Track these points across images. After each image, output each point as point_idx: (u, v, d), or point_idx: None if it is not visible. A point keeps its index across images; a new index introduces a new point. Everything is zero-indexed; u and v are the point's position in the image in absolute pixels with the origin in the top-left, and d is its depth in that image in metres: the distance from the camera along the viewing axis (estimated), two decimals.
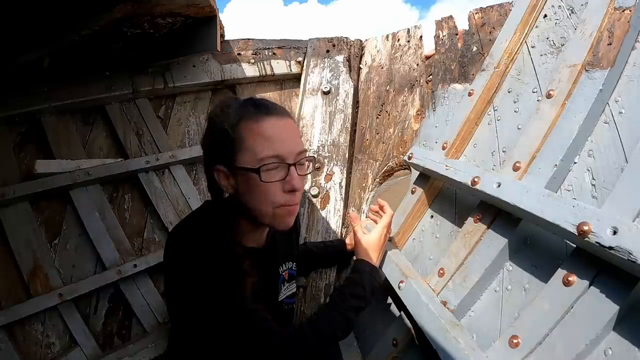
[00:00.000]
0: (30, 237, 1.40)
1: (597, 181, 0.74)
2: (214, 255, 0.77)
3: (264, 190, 0.77)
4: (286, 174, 0.77)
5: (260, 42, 1.88)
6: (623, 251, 0.55)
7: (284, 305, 1.02)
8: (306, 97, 1.76)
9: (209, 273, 0.75)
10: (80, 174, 1.47)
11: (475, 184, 0.88)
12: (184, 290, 0.77)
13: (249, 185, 0.77)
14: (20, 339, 1.34)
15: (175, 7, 1.35)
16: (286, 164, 0.77)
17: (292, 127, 0.82)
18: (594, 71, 0.78)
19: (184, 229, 0.86)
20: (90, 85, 1.57)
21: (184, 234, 0.85)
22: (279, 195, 0.78)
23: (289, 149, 0.78)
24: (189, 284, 0.76)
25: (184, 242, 0.82)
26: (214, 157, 0.81)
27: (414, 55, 1.54)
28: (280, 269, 1.01)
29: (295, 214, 0.84)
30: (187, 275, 0.77)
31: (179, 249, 0.81)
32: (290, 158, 0.78)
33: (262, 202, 0.78)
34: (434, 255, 1.08)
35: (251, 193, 0.78)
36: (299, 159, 0.80)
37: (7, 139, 1.46)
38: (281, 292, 1.01)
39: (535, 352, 0.67)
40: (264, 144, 0.75)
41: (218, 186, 0.82)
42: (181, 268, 0.78)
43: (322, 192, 1.59)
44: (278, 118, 0.79)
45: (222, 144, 0.78)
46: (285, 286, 1.03)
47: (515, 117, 0.98)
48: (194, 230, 0.84)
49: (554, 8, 0.99)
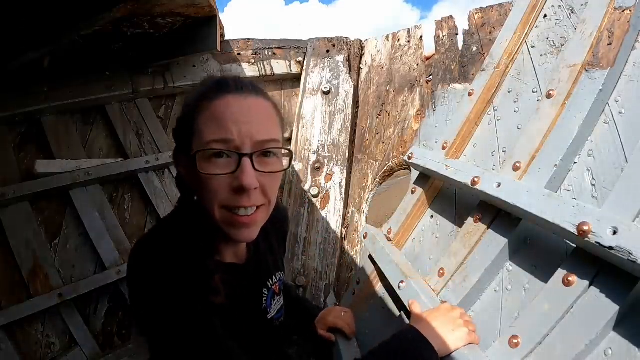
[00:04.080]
0: (30, 237, 1.40)
1: (597, 181, 0.74)
2: (174, 274, 0.61)
3: (206, 184, 0.61)
4: (236, 166, 0.60)
5: (260, 42, 1.88)
6: (623, 251, 0.55)
7: (274, 322, 0.87)
8: (306, 97, 1.76)
9: (170, 296, 0.60)
10: (80, 174, 1.47)
11: (475, 184, 0.88)
12: (145, 317, 0.63)
13: (198, 178, 0.62)
14: (20, 339, 1.34)
15: (175, 7, 1.35)
16: (237, 153, 0.60)
17: (259, 109, 0.64)
18: (594, 71, 0.78)
19: (143, 244, 0.69)
20: (90, 85, 1.57)
21: (142, 250, 0.68)
22: (222, 192, 0.61)
23: (246, 134, 0.60)
24: (149, 309, 0.62)
25: (141, 260, 0.66)
26: (177, 145, 0.69)
27: (414, 56, 1.54)
28: (270, 283, 0.86)
29: (253, 226, 0.65)
30: (146, 300, 0.62)
31: (136, 267, 0.66)
32: (245, 146, 0.60)
33: (206, 201, 0.62)
34: (434, 255, 1.08)
35: (199, 189, 0.63)
36: (262, 149, 0.62)
37: (7, 139, 1.46)
38: (271, 308, 0.85)
39: (535, 352, 0.67)
40: (212, 125, 0.61)
41: (184, 181, 0.69)
42: (139, 291, 0.63)
43: (322, 192, 1.59)
44: (240, 96, 0.63)
45: (181, 128, 0.66)
46: (275, 300, 0.88)
47: (515, 117, 0.98)
48: (154, 244, 0.67)
49: (554, 8, 0.99)
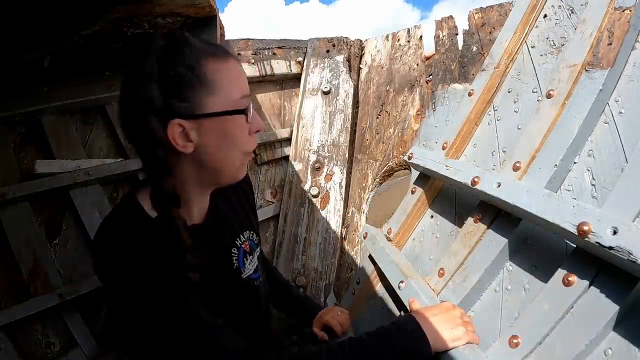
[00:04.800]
0: (30, 237, 1.40)
1: (597, 181, 0.74)
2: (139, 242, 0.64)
3: (236, 136, 0.68)
4: (249, 115, 0.70)
5: (260, 42, 1.88)
6: (623, 251, 0.55)
7: (251, 282, 0.87)
8: (306, 97, 1.76)
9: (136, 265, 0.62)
10: (80, 174, 1.47)
11: (475, 184, 0.88)
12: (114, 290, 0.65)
13: (218, 135, 0.67)
14: (20, 339, 1.33)
15: (175, 7, 1.35)
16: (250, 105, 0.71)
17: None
18: (594, 71, 0.78)
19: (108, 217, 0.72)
20: (90, 85, 1.57)
21: (107, 221, 0.70)
22: (243, 139, 0.70)
23: (248, 91, 0.71)
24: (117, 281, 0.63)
25: (105, 231, 0.68)
26: (165, 112, 0.64)
27: (414, 56, 1.54)
28: (238, 241, 0.86)
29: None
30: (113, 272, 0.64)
31: (101, 237, 0.68)
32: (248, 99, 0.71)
33: (232, 152, 0.69)
34: (434, 255, 1.08)
35: (221, 144, 0.68)
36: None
37: (7, 139, 1.46)
38: (245, 267, 0.86)
39: (535, 352, 0.67)
40: (237, 82, 0.69)
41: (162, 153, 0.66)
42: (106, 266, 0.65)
43: (322, 192, 1.59)
44: (235, 57, 0.73)
45: (182, 89, 0.64)
46: (248, 260, 0.88)
47: (515, 117, 0.98)
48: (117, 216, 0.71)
49: (554, 8, 0.99)
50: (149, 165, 0.69)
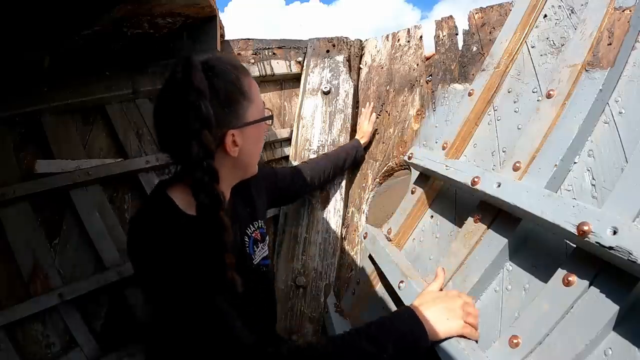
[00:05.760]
0: (30, 237, 1.40)
1: (597, 181, 0.74)
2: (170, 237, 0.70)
3: (262, 137, 0.86)
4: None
5: (260, 42, 1.88)
6: (623, 251, 0.55)
7: (261, 267, 0.97)
8: (306, 97, 1.76)
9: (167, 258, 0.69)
10: (80, 174, 1.47)
11: (475, 184, 0.88)
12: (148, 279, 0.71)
13: (255, 138, 0.83)
14: (20, 339, 1.33)
15: (175, 7, 1.35)
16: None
17: None
18: (594, 71, 0.78)
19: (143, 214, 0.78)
20: (90, 85, 1.57)
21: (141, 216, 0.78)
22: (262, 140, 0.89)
23: None
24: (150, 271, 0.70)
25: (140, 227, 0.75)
26: (220, 125, 0.73)
27: (414, 56, 1.54)
28: (249, 230, 0.96)
29: None
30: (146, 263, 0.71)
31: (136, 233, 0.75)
32: None
33: (258, 150, 0.87)
34: (434, 255, 1.08)
35: (256, 145, 0.85)
36: None
37: (7, 139, 1.45)
38: (255, 254, 0.96)
39: (535, 352, 0.67)
40: (259, 93, 0.83)
41: (212, 162, 0.71)
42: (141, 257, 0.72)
43: (322, 192, 1.59)
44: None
45: (233, 103, 0.76)
46: (259, 247, 0.98)
47: (515, 117, 0.98)
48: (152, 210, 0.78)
49: (554, 8, 0.99)
50: (200, 176, 0.70)
